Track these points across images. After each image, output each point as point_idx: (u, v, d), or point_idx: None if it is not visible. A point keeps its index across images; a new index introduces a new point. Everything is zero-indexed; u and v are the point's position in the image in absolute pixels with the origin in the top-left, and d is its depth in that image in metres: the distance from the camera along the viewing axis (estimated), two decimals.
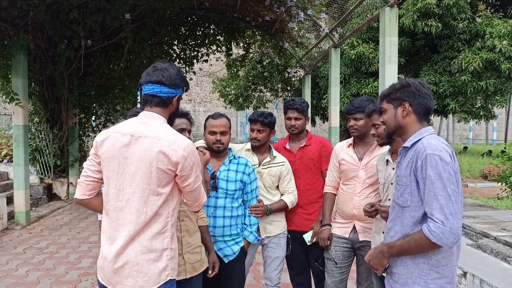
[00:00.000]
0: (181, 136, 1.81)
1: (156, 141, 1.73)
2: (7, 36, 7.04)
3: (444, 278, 1.75)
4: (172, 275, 1.81)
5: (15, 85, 6.62)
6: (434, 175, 1.65)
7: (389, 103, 1.91)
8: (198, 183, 1.84)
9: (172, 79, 1.83)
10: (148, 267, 1.74)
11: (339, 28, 11.06)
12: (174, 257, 1.83)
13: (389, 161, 2.39)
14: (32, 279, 4.34)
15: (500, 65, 10.88)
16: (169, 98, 1.84)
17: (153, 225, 1.75)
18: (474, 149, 20.05)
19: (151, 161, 1.72)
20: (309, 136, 3.04)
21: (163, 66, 1.86)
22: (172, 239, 1.82)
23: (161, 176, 1.74)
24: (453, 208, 1.62)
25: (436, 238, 1.62)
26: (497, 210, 5.53)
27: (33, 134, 8.93)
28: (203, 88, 26.90)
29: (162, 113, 1.85)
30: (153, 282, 1.74)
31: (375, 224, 2.49)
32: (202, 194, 1.91)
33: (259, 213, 2.72)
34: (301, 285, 3.08)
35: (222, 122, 2.57)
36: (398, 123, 1.88)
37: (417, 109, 1.84)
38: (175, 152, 1.72)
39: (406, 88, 1.86)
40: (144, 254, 1.73)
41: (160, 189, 1.75)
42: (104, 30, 7.41)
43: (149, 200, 1.74)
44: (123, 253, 1.74)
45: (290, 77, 15.11)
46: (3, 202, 6.46)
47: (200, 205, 1.94)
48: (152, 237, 1.75)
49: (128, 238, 1.74)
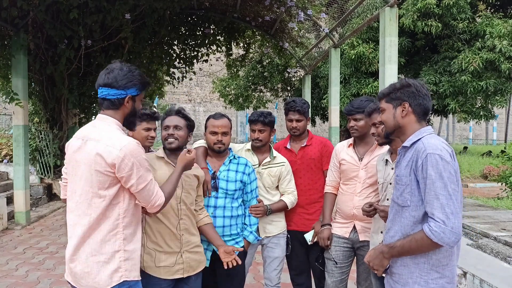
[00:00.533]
0: (122, 137, 1.77)
1: (95, 144, 1.76)
2: (7, 36, 7.05)
3: (445, 277, 1.74)
4: (128, 276, 1.80)
5: (15, 85, 6.62)
6: (435, 175, 1.64)
7: (389, 102, 1.90)
8: (143, 184, 1.79)
9: (119, 80, 1.82)
10: (98, 269, 1.76)
11: (339, 28, 11.06)
12: (131, 258, 1.82)
13: (388, 161, 2.39)
14: (32, 279, 4.34)
15: (500, 65, 10.87)
16: (119, 99, 1.83)
17: (101, 228, 1.77)
18: (474, 149, 20.05)
19: (90, 164, 1.75)
20: (310, 136, 3.04)
21: (111, 67, 1.85)
22: (127, 241, 1.81)
23: (101, 179, 1.74)
24: (454, 207, 1.62)
25: (438, 238, 1.62)
26: (497, 210, 5.53)
27: (33, 134, 8.92)
28: (203, 88, 26.90)
29: (114, 115, 1.85)
30: (103, 283, 1.75)
31: (374, 224, 2.49)
32: (155, 195, 1.85)
33: (259, 213, 2.72)
34: (301, 285, 3.08)
35: (224, 122, 2.57)
36: (397, 123, 1.87)
37: (417, 110, 1.84)
38: (110, 154, 1.72)
39: (406, 88, 1.85)
40: (93, 256, 1.76)
41: (102, 191, 1.75)
42: (104, 30, 7.41)
43: (93, 203, 1.76)
44: (75, 254, 1.79)
45: (290, 77, 15.11)
46: (3, 202, 6.46)
47: (155, 207, 1.87)
48: (101, 240, 1.76)
49: (78, 240, 1.78)
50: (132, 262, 1.83)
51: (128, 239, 1.82)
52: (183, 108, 2.45)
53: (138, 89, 1.88)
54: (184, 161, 2.12)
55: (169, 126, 2.32)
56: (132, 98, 1.87)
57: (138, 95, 1.90)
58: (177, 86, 11.59)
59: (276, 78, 14.33)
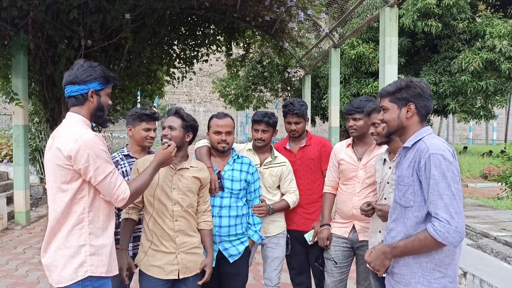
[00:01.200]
0: (80, 130, 1.78)
1: (56, 139, 1.80)
2: (7, 36, 7.05)
3: (447, 277, 1.74)
4: (94, 272, 1.80)
5: (15, 85, 6.62)
6: (439, 175, 1.64)
7: (393, 102, 1.86)
8: (101, 176, 1.77)
9: (79, 76, 1.84)
10: (64, 263, 1.78)
11: (339, 28, 11.05)
12: (99, 253, 1.82)
13: (386, 160, 2.39)
14: (32, 279, 4.34)
15: (500, 65, 10.87)
16: (82, 95, 1.85)
17: (67, 222, 1.79)
18: (474, 149, 20.04)
19: (52, 159, 1.78)
20: (309, 136, 3.04)
21: (73, 66, 1.88)
22: (93, 236, 1.81)
23: (62, 173, 1.76)
24: (457, 207, 1.62)
25: (442, 237, 1.62)
26: (497, 210, 5.53)
27: (33, 134, 8.92)
28: (203, 88, 26.91)
29: (80, 111, 1.87)
30: (68, 278, 1.77)
31: (372, 224, 2.49)
32: (118, 189, 1.81)
33: (262, 213, 2.72)
34: (301, 284, 3.08)
35: (227, 122, 2.57)
36: (401, 124, 1.85)
37: (421, 111, 1.83)
38: (66, 146, 1.74)
39: (412, 89, 1.82)
40: (60, 250, 1.79)
41: (64, 185, 1.77)
42: (104, 30, 7.40)
43: (57, 197, 1.79)
44: (46, 249, 1.83)
45: (290, 77, 15.11)
46: (3, 202, 6.46)
47: (118, 201, 1.83)
48: (67, 234, 1.78)
49: (48, 235, 1.82)
50: (99, 258, 1.83)
51: (95, 233, 1.82)
52: (182, 109, 2.42)
53: (101, 83, 1.88)
54: (160, 155, 2.05)
55: (164, 127, 2.32)
56: (96, 93, 1.87)
57: (103, 90, 1.90)
58: (177, 86, 11.58)
59: (276, 78, 14.33)
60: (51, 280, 1.83)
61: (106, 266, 1.85)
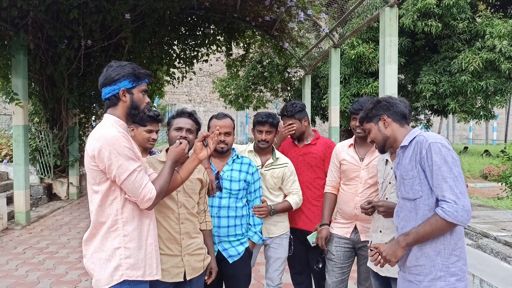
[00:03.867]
0: (104, 129, 1.75)
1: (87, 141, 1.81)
2: (7, 36, 7.04)
3: (461, 260, 1.83)
4: (130, 275, 1.76)
5: (15, 85, 6.62)
6: (440, 160, 1.76)
7: (370, 122, 2.09)
8: (125, 174, 1.71)
9: (107, 77, 1.83)
10: (100, 266, 1.76)
11: (339, 28, 11.05)
12: (133, 256, 1.78)
13: (388, 160, 2.39)
14: (32, 279, 4.34)
15: (500, 65, 10.87)
16: (115, 95, 1.84)
17: (102, 224, 1.77)
18: (474, 149, 20.04)
19: (86, 161, 1.80)
20: (317, 136, 3.04)
21: (104, 68, 1.88)
22: (128, 238, 1.77)
23: (92, 174, 1.77)
24: (462, 187, 1.73)
25: (452, 217, 1.71)
26: (497, 210, 5.53)
27: (33, 134, 8.92)
28: (203, 88, 26.89)
29: (113, 112, 1.86)
30: (104, 281, 1.75)
31: (373, 223, 2.49)
32: (144, 188, 1.75)
33: (263, 214, 2.71)
34: (301, 284, 3.08)
35: (227, 122, 2.57)
36: (384, 135, 2.04)
37: (395, 117, 2.03)
38: (90, 146, 1.74)
39: (378, 105, 2.07)
40: (96, 253, 1.77)
41: (95, 187, 1.77)
42: (104, 30, 7.40)
43: (92, 199, 1.80)
44: (85, 251, 1.83)
45: (290, 77, 15.10)
46: (3, 202, 6.46)
47: (145, 202, 1.77)
48: (102, 236, 1.77)
49: (87, 237, 1.82)
50: (135, 261, 1.78)
51: (129, 236, 1.78)
52: (195, 112, 2.42)
53: (132, 81, 1.85)
54: (174, 153, 2.00)
55: (182, 128, 2.28)
56: (127, 91, 1.84)
57: (135, 87, 1.86)
58: (177, 86, 11.58)
59: (276, 78, 14.32)
60: (92, 282, 1.83)
61: (142, 270, 1.81)
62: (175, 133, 2.28)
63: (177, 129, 2.29)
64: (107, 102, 1.86)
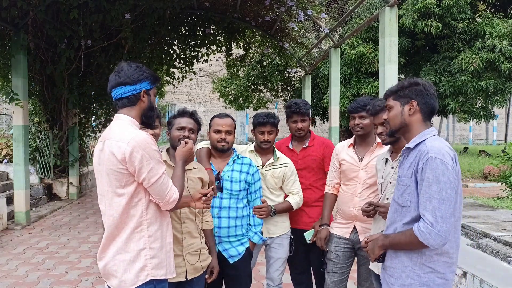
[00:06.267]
0: (131, 131, 1.75)
1: (108, 143, 1.76)
2: (7, 36, 7.04)
3: (436, 272, 1.78)
4: (155, 275, 1.79)
5: (15, 85, 6.62)
6: (432, 178, 1.68)
7: (396, 100, 1.90)
8: (155, 177, 1.74)
9: (130, 76, 1.82)
10: (125, 268, 1.76)
11: (339, 28, 11.05)
12: (157, 256, 1.81)
13: (388, 160, 2.38)
14: (32, 279, 4.34)
15: (500, 65, 10.88)
16: (135, 95, 1.83)
17: (126, 226, 1.77)
18: (474, 149, 20.04)
19: (106, 163, 1.75)
20: (313, 137, 3.04)
21: (120, 68, 1.85)
22: (152, 238, 1.80)
23: (117, 177, 1.74)
24: (444, 211, 1.66)
25: (423, 238, 1.67)
26: (497, 210, 5.52)
27: (33, 134, 8.92)
28: (203, 88, 26.90)
29: (129, 113, 1.84)
30: (130, 282, 1.75)
31: (374, 224, 2.48)
32: (170, 191, 1.79)
33: (263, 214, 2.71)
34: (302, 284, 3.08)
35: (227, 121, 2.58)
36: (403, 121, 1.87)
37: (424, 109, 1.85)
38: (119, 149, 1.71)
39: (414, 87, 1.86)
40: (119, 255, 1.77)
41: (120, 190, 1.75)
42: (104, 30, 7.40)
43: (113, 202, 1.77)
44: (103, 253, 1.82)
45: (290, 77, 15.10)
46: (3, 202, 6.46)
47: (170, 203, 1.80)
48: (126, 238, 1.76)
49: (106, 240, 1.80)
50: (159, 260, 1.82)
51: (153, 236, 1.80)
52: (196, 111, 2.45)
53: (151, 83, 1.87)
54: (183, 153, 2.03)
55: (185, 128, 2.31)
56: (146, 92, 1.86)
57: (152, 89, 1.89)
58: (177, 86, 11.58)
59: (276, 78, 14.33)
60: (111, 284, 1.81)
61: (164, 268, 1.84)
62: (178, 133, 2.31)
63: (179, 128, 2.32)
64: (122, 101, 1.83)
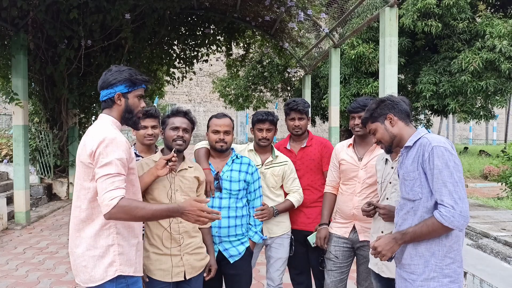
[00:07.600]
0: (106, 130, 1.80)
1: (84, 138, 1.84)
2: (7, 36, 7.05)
3: (456, 262, 1.85)
4: (123, 271, 1.82)
5: (15, 85, 6.62)
6: (441, 164, 1.77)
7: (375, 122, 2.07)
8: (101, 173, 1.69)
9: (105, 81, 1.90)
10: (94, 263, 1.79)
11: (339, 28, 11.05)
12: (126, 253, 1.84)
13: (388, 160, 2.39)
14: (32, 279, 4.34)
15: (500, 65, 10.87)
16: (110, 99, 1.91)
17: (94, 222, 1.80)
18: (474, 149, 20.04)
19: (79, 156, 1.83)
20: (311, 137, 3.04)
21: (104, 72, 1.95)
22: (121, 236, 1.83)
23: (85, 170, 1.79)
24: (460, 193, 1.75)
25: (448, 222, 1.73)
26: (497, 210, 5.52)
27: (33, 134, 8.92)
28: (203, 88, 26.89)
29: (109, 113, 1.93)
30: (98, 277, 1.79)
31: (374, 224, 2.49)
32: (108, 193, 1.67)
33: (265, 217, 2.72)
34: (301, 284, 3.08)
35: (226, 122, 2.58)
36: (392, 134, 2.02)
37: (401, 115, 2.03)
38: (89, 144, 1.77)
39: (382, 104, 2.05)
40: (89, 251, 1.80)
41: (86, 183, 1.80)
42: (104, 30, 7.40)
43: (80, 195, 1.82)
44: (72, 248, 1.85)
45: (290, 77, 15.10)
46: (3, 202, 6.46)
47: (103, 206, 1.67)
48: (95, 234, 1.80)
49: (73, 232, 1.84)
50: (127, 257, 1.84)
51: (122, 233, 1.84)
52: (190, 111, 2.45)
53: (128, 86, 1.90)
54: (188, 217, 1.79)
55: (179, 128, 2.31)
56: (123, 95, 1.90)
57: (131, 92, 1.92)
58: (177, 86, 11.58)
59: (276, 78, 14.33)
60: (79, 279, 1.85)
61: (134, 266, 1.87)
62: (172, 133, 2.31)
63: (173, 128, 2.32)
64: (103, 103, 1.94)
